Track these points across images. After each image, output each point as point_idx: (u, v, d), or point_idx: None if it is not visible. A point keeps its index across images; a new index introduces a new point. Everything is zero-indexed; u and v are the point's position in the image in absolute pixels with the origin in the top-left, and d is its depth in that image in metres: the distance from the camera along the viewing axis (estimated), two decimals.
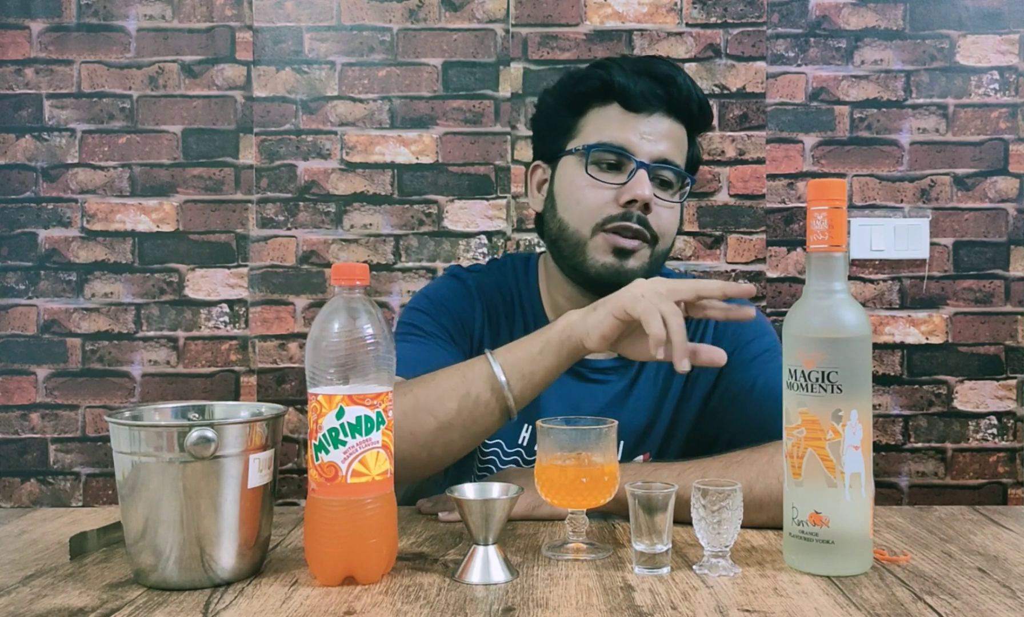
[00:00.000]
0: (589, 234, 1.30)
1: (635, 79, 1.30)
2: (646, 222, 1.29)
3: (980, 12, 2.45)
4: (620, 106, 1.31)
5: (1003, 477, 2.47)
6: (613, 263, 1.29)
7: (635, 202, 1.27)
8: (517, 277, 1.44)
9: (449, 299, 1.39)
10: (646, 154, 1.29)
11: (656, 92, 1.30)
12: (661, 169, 1.30)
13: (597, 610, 0.85)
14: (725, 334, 1.35)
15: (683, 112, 1.32)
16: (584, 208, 1.31)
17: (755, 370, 1.30)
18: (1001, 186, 2.47)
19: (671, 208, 1.32)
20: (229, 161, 2.46)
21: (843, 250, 0.96)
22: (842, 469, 0.93)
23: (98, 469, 2.45)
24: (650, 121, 1.30)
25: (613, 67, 1.32)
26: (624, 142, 1.29)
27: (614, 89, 1.31)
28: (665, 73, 1.31)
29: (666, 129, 1.31)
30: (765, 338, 1.35)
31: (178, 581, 0.91)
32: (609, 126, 1.31)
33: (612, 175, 1.30)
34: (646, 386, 1.36)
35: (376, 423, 0.93)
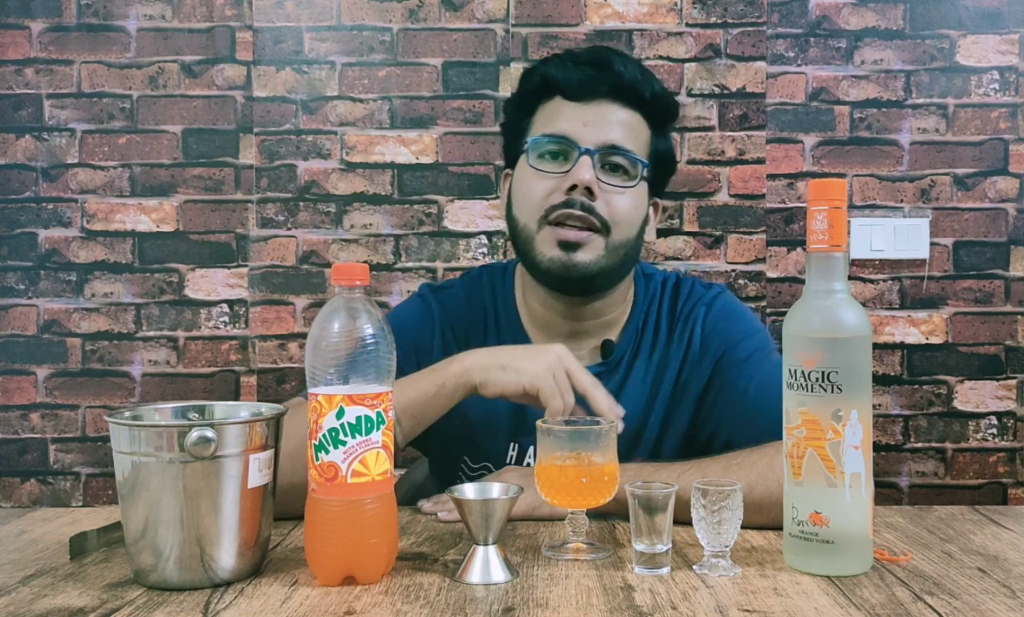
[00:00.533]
0: (536, 228, 1.29)
1: (573, 68, 1.29)
2: (591, 209, 1.26)
3: (980, 12, 2.45)
4: (562, 97, 1.30)
5: (1003, 477, 2.47)
6: (560, 256, 1.27)
7: (576, 188, 1.26)
8: (494, 288, 1.42)
9: (407, 324, 1.37)
10: (590, 141, 1.27)
11: (595, 78, 1.28)
12: (609, 154, 1.28)
13: (597, 610, 0.85)
14: (714, 335, 1.34)
15: (633, 99, 1.30)
16: (530, 200, 1.30)
17: (749, 371, 1.29)
18: (1001, 186, 2.47)
19: (623, 193, 1.29)
20: (229, 161, 2.46)
21: (843, 250, 0.96)
22: (842, 469, 0.93)
23: (98, 469, 2.45)
24: (594, 109, 1.29)
25: (552, 61, 1.33)
26: (565, 131, 1.28)
27: (553, 81, 1.31)
28: (603, 59, 1.30)
29: (614, 116, 1.29)
30: (755, 337, 1.34)
31: (178, 581, 0.91)
32: (553, 118, 1.30)
33: (556, 164, 1.30)
34: (634, 390, 1.35)
35: (376, 423, 0.92)
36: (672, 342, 1.36)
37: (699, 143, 2.46)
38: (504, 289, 1.41)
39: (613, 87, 1.29)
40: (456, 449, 1.36)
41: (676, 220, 2.47)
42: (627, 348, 1.36)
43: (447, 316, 1.39)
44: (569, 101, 1.30)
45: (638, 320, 1.38)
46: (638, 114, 1.31)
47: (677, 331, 1.36)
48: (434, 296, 1.42)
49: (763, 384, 1.26)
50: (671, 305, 1.38)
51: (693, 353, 1.34)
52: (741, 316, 1.37)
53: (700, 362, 1.33)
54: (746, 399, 1.27)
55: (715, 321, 1.35)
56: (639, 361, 1.36)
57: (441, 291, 1.43)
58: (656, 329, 1.37)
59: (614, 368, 1.35)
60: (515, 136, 1.37)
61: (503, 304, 1.40)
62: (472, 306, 1.40)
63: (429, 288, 1.44)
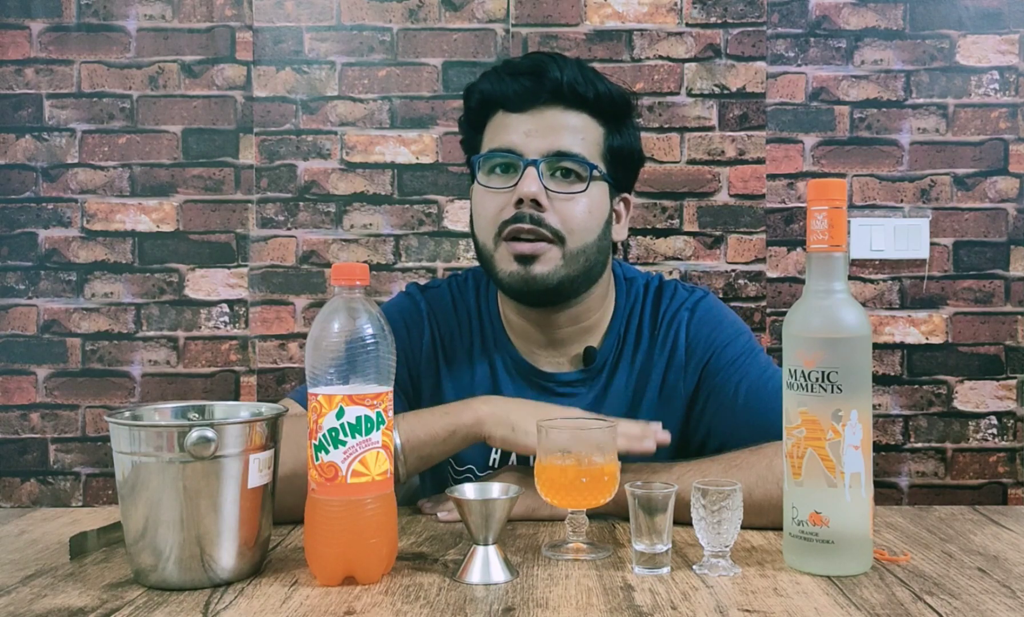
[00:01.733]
0: (493, 245, 1.27)
1: (510, 80, 1.27)
2: (540, 220, 1.24)
3: (980, 12, 2.45)
4: (504, 110, 1.28)
5: (1003, 477, 2.47)
6: (518, 271, 1.25)
7: (523, 201, 1.24)
8: (478, 291, 1.41)
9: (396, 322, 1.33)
10: (535, 150, 1.25)
11: (529, 86, 1.25)
12: (556, 161, 1.25)
13: (597, 610, 0.85)
14: (699, 340, 1.32)
15: (577, 101, 1.26)
16: (484, 218, 1.28)
17: (737, 374, 1.29)
18: (1001, 186, 2.47)
19: (573, 200, 1.25)
20: (229, 161, 2.46)
21: (843, 250, 0.96)
22: (842, 469, 0.93)
23: (98, 469, 2.45)
24: (537, 117, 1.26)
25: (489, 75, 1.30)
26: (508, 144, 1.26)
27: (491, 97, 1.29)
28: (538, 66, 1.26)
29: (558, 121, 1.26)
30: (741, 340, 1.33)
31: (178, 581, 0.91)
32: (498, 132, 1.28)
33: (506, 179, 1.27)
34: (616, 396, 1.33)
35: (376, 423, 0.92)
36: (655, 347, 1.34)
37: (699, 143, 2.46)
38: (488, 294, 1.40)
39: (553, 93, 1.26)
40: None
41: (676, 220, 2.47)
42: (609, 354, 1.35)
43: (435, 314, 1.39)
44: (511, 113, 1.27)
45: (620, 325, 1.36)
46: (585, 115, 1.28)
47: (660, 336, 1.34)
48: (422, 294, 1.41)
49: (752, 385, 1.26)
50: (654, 309, 1.36)
51: (678, 358, 1.33)
52: (725, 319, 1.36)
53: (686, 367, 1.32)
54: (736, 402, 1.27)
55: (699, 325, 1.33)
56: (621, 367, 1.35)
57: (428, 290, 1.43)
58: (639, 334, 1.36)
59: (596, 375, 1.34)
60: (469, 147, 1.36)
61: (486, 309, 1.39)
62: (458, 308, 1.40)
63: (416, 287, 1.44)
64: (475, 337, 1.38)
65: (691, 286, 1.40)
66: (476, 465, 1.34)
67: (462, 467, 1.35)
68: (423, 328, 1.38)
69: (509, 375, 1.35)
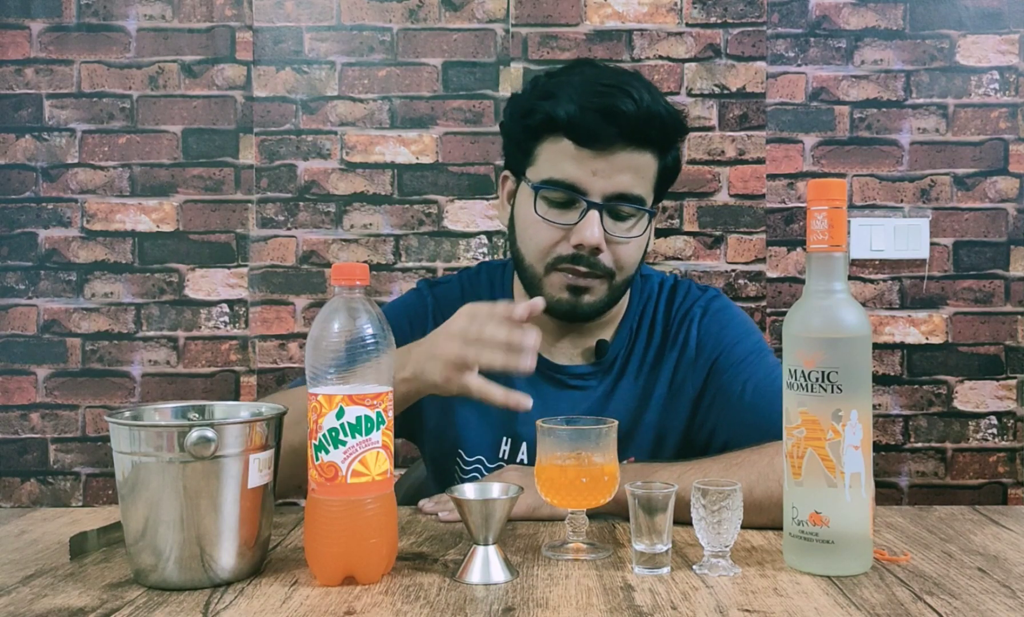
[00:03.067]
0: (543, 271, 1.28)
1: (584, 114, 1.21)
2: (597, 263, 1.25)
3: (980, 12, 2.45)
4: (571, 141, 1.23)
5: (1003, 477, 2.47)
6: (568, 299, 1.27)
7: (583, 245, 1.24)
8: (492, 285, 1.42)
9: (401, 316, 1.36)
10: (599, 192, 1.23)
11: (609, 130, 1.21)
12: (617, 203, 1.24)
13: (597, 610, 0.85)
14: (709, 338, 1.34)
15: (643, 141, 1.24)
16: (535, 245, 1.28)
17: (744, 372, 1.29)
18: (1001, 186, 2.47)
19: (629, 243, 1.27)
20: (229, 161, 2.46)
21: (843, 250, 0.96)
22: (842, 469, 0.93)
23: (98, 469, 2.45)
24: (605, 158, 1.22)
25: (561, 99, 1.23)
26: (575, 180, 1.23)
27: (559, 124, 1.23)
28: (618, 109, 1.20)
29: (624, 162, 1.23)
30: (750, 339, 1.34)
31: (178, 581, 0.91)
32: (561, 161, 1.24)
33: (563, 213, 1.25)
34: (627, 390, 1.35)
35: (376, 423, 0.92)
36: (667, 344, 1.36)
37: (699, 143, 2.46)
38: (503, 288, 1.41)
39: (629, 135, 1.22)
40: (450, 445, 1.37)
41: (676, 220, 2.47)
42: (621, 348, 1.36)
43: (441, 310, 1.39)
44: (580, 146, 1.23)
45: (632, 321, 1.37)
46: (648, 153, 1.26)
47: (672, 333, 1.36)
48: (430, 290, 1.42)
49: (759, 385, 1.26)
50: (667, 307, 1.38)
51: (688, 355, 1.34)
52: (735, 318, 1.37)
53: (695, 364, 1.33)
54: (742, 401, 1.27)
55: (710, 324, 1.35)
56: (632, 362, 1.36)
57: (437, 286, 1.44)
58: (651, 330, 1.37)
59: (607, 369, 1.35)
60: (518, 152, 1.32)
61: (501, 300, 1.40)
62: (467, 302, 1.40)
63: (426, 282, 1.45)
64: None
65: (704, 286, 1.42)
66: (486, 457, 1.35)
67: (472, 457, 1.36)
68: (426, 324, 1.38)
69: None
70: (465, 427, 1.35)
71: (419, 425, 1.39)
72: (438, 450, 1.40)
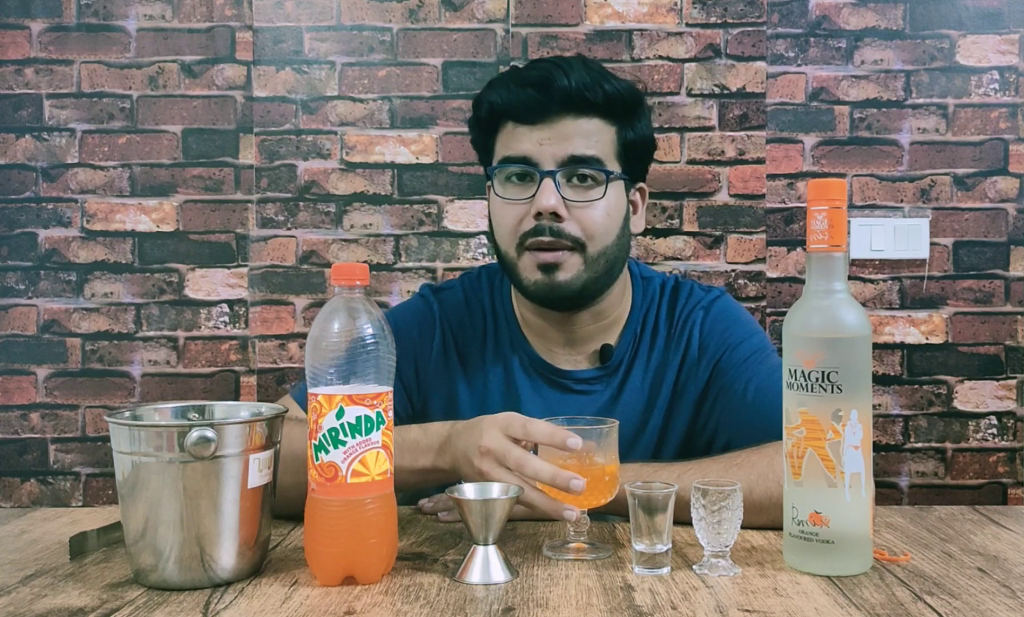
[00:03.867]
0: (516, 255, 1.28)
1: (514, 92, 1.26)
2: (561, 231, 1.25)
3: (980, 12, 2.45)
4: (514, 122, 1.28)
5: (1003, 477, 2.47)
6: (542, 279, 1.27)
7: (542, 214, 1.24)
8: (492, 288, 1.42)
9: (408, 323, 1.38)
10: (550, 160, 1.25)
11: (537, 98, 1.24)
12: (573, 168, 1.25)
13: (597, 610, 0.85)
14: (712, 338, 1.33)
15: (586, 106, 1.25)
16: (504, 229, 1.29)
17: (747, 372, 1.29)
18: (1001, 186, 2.47)
19: (592, 205, 1.26)
20: (229, 161, 2.46)
21: (843, 250, 0.96)
22: (842, 469, 0.93)
23: (98, 469, 2.45)
24: (549, 127, 1.25)
25: (494, 87, 1.29)
26: (523, 153, 1.26)
27: (498, 108, 1.28)
28: (541, 77, 1.25)
29: (571, 128, 1.25)
30: (753, 339, 1.34)
31: (178, 581, 0.91)
32: (511, 141, 1.28)
33: (522, 188, 1.28)
34: (632, 393, 1.35)
35: (376, 423, 0.92)
36: (671, 345, 1.35)
37: (699, 143, 2.46)
38: (502, 292, 1.41)
39: (562, 102, 1.25)
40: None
41: (676, 220, 2.47)
42: (625, 352, 1.36)
43: (447, 316, 1.40)
44: (522, 124, 1.27)
45: (636, 324, 1.37)
46: (596, 118, 1.27)
47: (675, 334, 1.35)
48: (435, 296, 1.42)
49: (761, 385, 1.26)
50: (670, 308, 1.38)
51: (691, 356, 1.34)
52: (739, 319, 1.37)
53: (698, 365, 1.33)
54: (744, 401, 1.27)
55: (713, 324, 1.34)
56: (637, 365, 1.36)
57: (441, 291, 1.44)
58: (655, 332, 1.37)
59: (613, 372, 1.35)
60: (481, 151, 1.37)
61: (501, 307, 1.40)
62: (471, 307, 1.41)
63: (430, 288, 1.45)
64: (489, 336, 1.39)
65: (707, 286, 1.41)
66: None
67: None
68: (434, 332, 1.38)
69: (526, 373, 1.36)
70: None
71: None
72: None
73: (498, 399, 1.35)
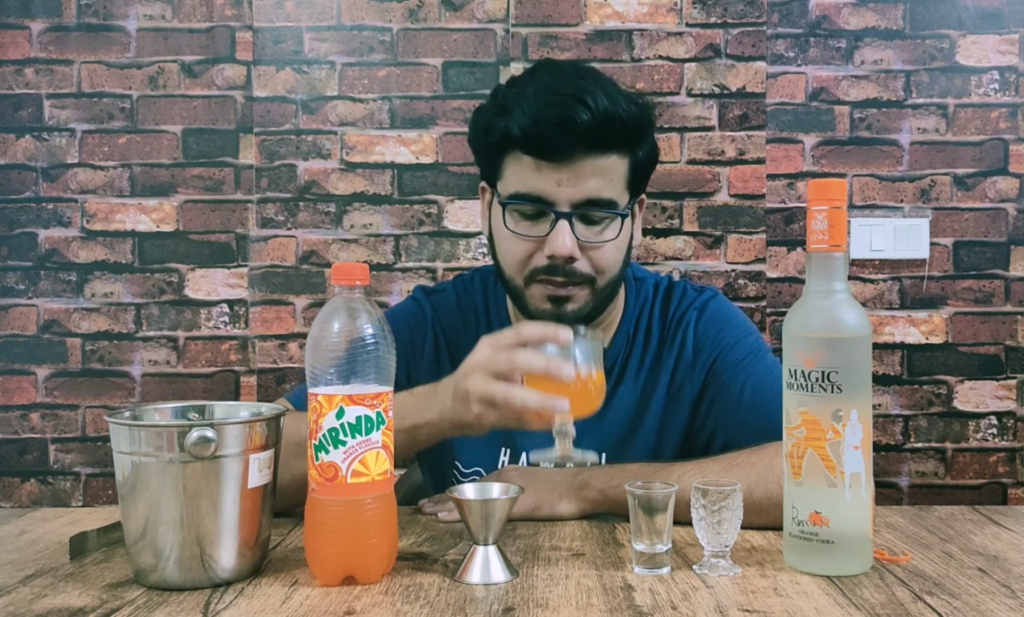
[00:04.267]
0: (523, 283, 1.26)
1: (540, 128, 1.18)
2: (574, 271, 1.23)
3: (980, 12, 2.45)
4: (529, 155, 1.21)
5: (1003, 477, 2.47)
6: (551, 310, 1.25)
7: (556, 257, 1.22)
8: (486, 292, 1.41)
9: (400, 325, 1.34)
10: (566, 201, 1.21)
11: (567, 140, 1.18)
12: (586, 209, 1.22)
13: (597, 610, 0.85)
14: (707, 339, 1.33)
15: (606, 145, 1.21)
16: (512, 259, 1.26)
17: (743, 373, 1.29)
18: (1001, 186, 2.47)
19: (603, 246, 1.24)
20: (229, 161, 2.46)
21: (843, 250, 0.96)
22: (842, 469, 0.93)
23: (98, 469, 2.45)
24: (567, 167, 1.20)
25: (515, 115, 1.20)
26: (540, 192, 1.21)
27: (515, 141, 1.21)
28: (574, 119, 1.17)
29: (589, 168, 1.20)
30: (748, 339, 1.33)
31: (178, 581, 0.91)
32: (524, 175, 1.22)
33: (533, 225, 1.24)
34: (626, 395, 1.34)
35: (376, 423, 0.92)
36: (664, 347, 1.35)
37: (699, 143, 2.46)
38: (496, 294, 1.40)
39: (582, 141, 1.19)
40: (448, 454, 1.36)
41: (676, 220, 2.47)
42: (619, 354, 1.35)
43: (439, 319, 1.39)
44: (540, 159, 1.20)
45: (629, 325, 1.36)
46: (613, 155, 1.22)
47: (669, 336, 1.35)
48: (427, 299, 1.42)
49: (758, 386, 1.26)
50: (663, 310, 1.37)
51: (686, 357, 1.33)
52: (733, 319, 1.36)
53: (694, 366, 1.33)
54: (741, 401, 1.27)
55: (707, 325, 1.34)
56: (631, 367, 1.35)
57: (434, 294, 1.43)
58: (648, 334, 1.36)
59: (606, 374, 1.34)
60: (485, 163, 1.30)
61: (495, 309, 1.40)
62: (464, 310, 1.40)
63: (423, 290, 1.44)
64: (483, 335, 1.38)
65: (700, 286, 1.40)
66: (484, 467, 1.34)
67: (468, 470, 1.35)
68: (426, 334, 1.38)
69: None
70: (461, 440, 1.30)
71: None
72: (436, 461, 1.40)
73: None
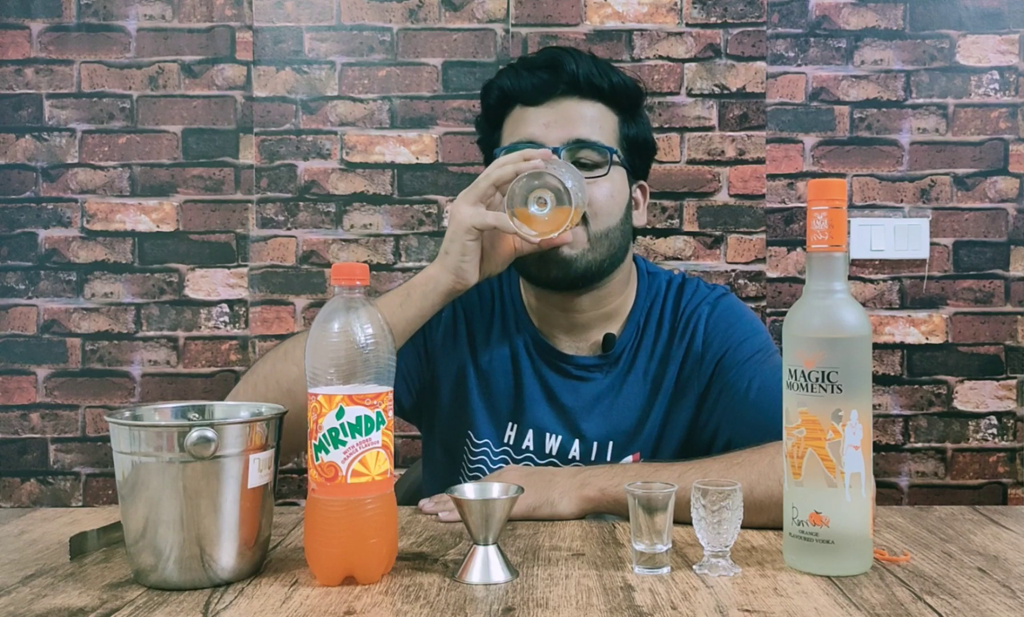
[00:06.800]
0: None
1: (527, 75, 1.32)
2: None
3: (980, 12, 2.45)
4: (522, 105, 1.33)
5: (1003, 477, 2.47)
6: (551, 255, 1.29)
7: None
8: (500, 278, 1.43)
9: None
10: (555, 139, 1.30)
11: (546, 79, 1.31)
12: (576, 149, 1.30)
13: (597, 610, 0.85)
14: (716, 335, 1.34)
15: (592, 92, 1.32)
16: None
17: (750, 371, 1.29)
18: (1001, 186, 2.47)
19: (595, 183, 1.30)
20: (229, 161, 2.46)
21: (843, 250, 0.96)
22: (842, 469, 0.93)
23: (98, 469, 2.45)
24: (555, 109, 1.31)
25: (506, 72, 1.35)
26: (529, 135, 1.31)
27: (510, 92, 1.34)
28: (554, 60, 1.32)
29: (575, 111, 1.31)
30: (757, 338, 1.34)
31: (178, 581, 0.91)
32: (517, 126, 1.33)
33: None
34: (635, 385, 1.36)
35: (376, 423, 0.92)
36: (674, 340, 1.36)
37: (699, 143, 2.46)
38: (510, 277, 1.43)
39: (569, 84, 1.31)
40: (462, 426, 1.39)
41: (676, 220, 2.47)
42: (628, 343, 1.37)
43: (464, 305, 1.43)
44: (529, 106, 1.32)
45: (640, 316, 1.38)
46: (600, 104, 1.33)
47: (680, 329, 1.36)
48: None
49: (764, 385, 1.26)
50: (675, 303, 1.39)
51: (695, 353, 1.35)
52: (743, 317, 1.37)
53: (701, 362, 1.34)
54: (747, 400, 1.27)
55: (717, 321, 1.35)
56: (640, 357, 1.36)
57: None
58: (659, 326, 1.38)
59: (614, 362, 1.36)
60: (488, 140, 1.40)
61: (508, 291, 1.43)
62: (480, 289, 1.43)
63: None
64: (496, 318, 1.42)
65: (713, 284, 1.43)
66: (492, 440, 1.37)
67: (480, 440, 1.38)
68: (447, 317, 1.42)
69: (529, 355, 1.38)
70: (476, 411, 1.38)
71: (435, 407, 1.42)
72: (450, 431, 1.42)
73: (502, 378, 1.38)
